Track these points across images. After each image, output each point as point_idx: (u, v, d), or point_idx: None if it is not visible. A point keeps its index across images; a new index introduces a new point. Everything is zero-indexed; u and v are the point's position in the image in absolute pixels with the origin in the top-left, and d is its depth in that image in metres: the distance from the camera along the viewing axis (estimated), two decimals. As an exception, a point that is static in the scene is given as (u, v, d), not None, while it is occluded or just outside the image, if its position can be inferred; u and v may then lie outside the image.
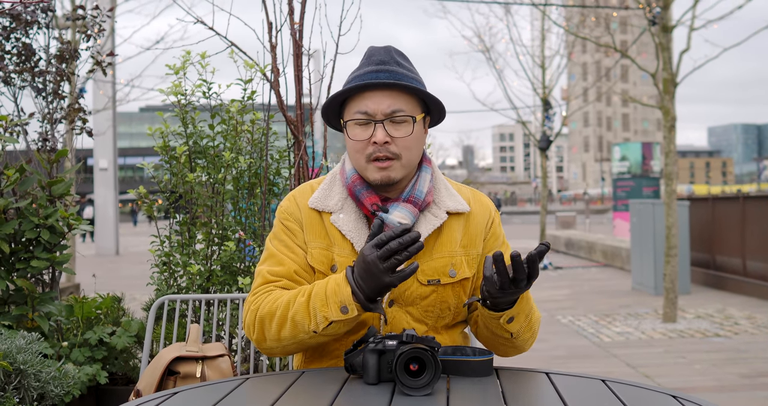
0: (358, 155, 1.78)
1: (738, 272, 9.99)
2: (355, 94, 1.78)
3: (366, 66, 1.79)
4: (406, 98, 1.77)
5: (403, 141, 1.76)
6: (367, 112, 1.75)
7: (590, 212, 34.77)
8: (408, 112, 1.76)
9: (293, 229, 1.84)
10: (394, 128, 1.76)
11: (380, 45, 1.87)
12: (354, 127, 1.78)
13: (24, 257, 3.62)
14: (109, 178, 20.18)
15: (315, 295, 1.66)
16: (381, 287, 1.59)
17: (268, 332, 1.72)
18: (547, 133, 15.49)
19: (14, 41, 4.18)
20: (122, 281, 11.24)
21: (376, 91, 1.76)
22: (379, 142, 1.74)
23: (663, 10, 7.78)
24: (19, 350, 2.83)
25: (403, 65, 1.80)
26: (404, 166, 1.78)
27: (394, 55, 1.81)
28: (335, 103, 1.83)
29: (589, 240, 16.01)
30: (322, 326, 1.64)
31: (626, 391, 1.51)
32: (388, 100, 1.75)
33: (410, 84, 1.76)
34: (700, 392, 5.04)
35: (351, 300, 1.61)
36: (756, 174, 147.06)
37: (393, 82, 1.74)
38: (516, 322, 1.71)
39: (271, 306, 1.71)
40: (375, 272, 1.56)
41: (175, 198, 3.97)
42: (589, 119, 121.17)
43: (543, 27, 15.66)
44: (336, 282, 1.65)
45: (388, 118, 1.75)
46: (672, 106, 7.82)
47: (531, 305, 1.75)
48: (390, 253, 1.54)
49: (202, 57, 3.95)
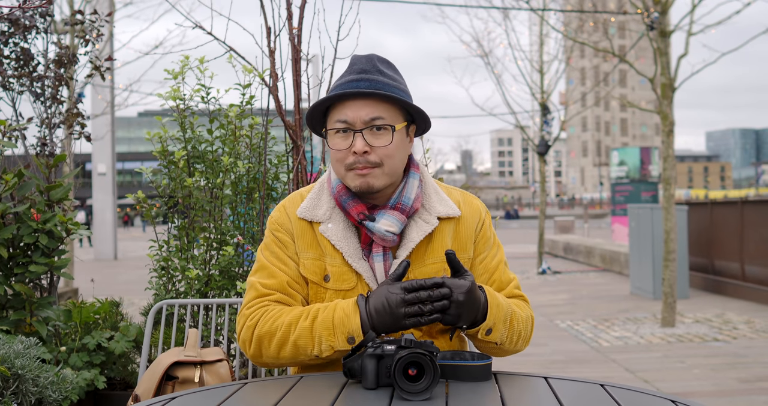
0: (338, 164, 1.77)
1: (736, 276, 10.00)
2: (336, 103, 1.76)
3: (347, 75, 1.77)
4: (386, 107, 1.75)
5: (383, 150, 1.74)
6: (347, 121, 1.73)
7: (589, 217, 34.78)
8: (388, 121, 1.74)
9: (284, 240, 1.83)
10: (373, 137, 1.73)
11: (364, 53, 1.85)
12: (334, 137, 1.76)
13: (22, 261, 3.62)
14: (107, 183, 20.18)
15: (321, 322, 1.66)
16: (395, 328, 1.61)
17: (266, 351, 1.72)
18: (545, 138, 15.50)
19: (13, 46, 4.18)
20: (120, 286, 11.23)
21: (356, 100, 1.74)
22: (358, 152, 1.72)
23: (661, 15, 7.80)
24: (17, 354, 2.82)
25: (386, 74, 1.78)
26: (387, 174, 1.76)
27: (376, 64, 1.78)
28: (318, 112, 1.81)
29: (588, 245, 16.02)
30: (326, 354, 1.66)
31: (625, 396, 1.50)
32: (366, 109, 1.73)
33: (390, 93, 1.73)
34: (698, 397, 5.03)
35: (359, 332, 1.62)
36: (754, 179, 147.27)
37: (371, 92, 1.72)
38: (495, 331, 1.70)
39: (270, 326, 1.70)
40: (395, 313, 1.59)
41: (173, 203, 3.97)
42: (587, 124, 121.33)
43: (541, 32, 15.67)
44: (344, 311, 1.65)
45: (368, 127, 1.73)
46: (670, 111, 7.83)
47: (507, 310, 1.73)
48: (418, 300, 1.58)
49: (201, 62, 3.95)
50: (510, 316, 1.74)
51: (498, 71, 15.80)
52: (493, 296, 1.71)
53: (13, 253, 3.62)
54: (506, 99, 15.81)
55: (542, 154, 15.35)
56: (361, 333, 1.62)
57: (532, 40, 18.16)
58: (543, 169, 15.53)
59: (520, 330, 1.78)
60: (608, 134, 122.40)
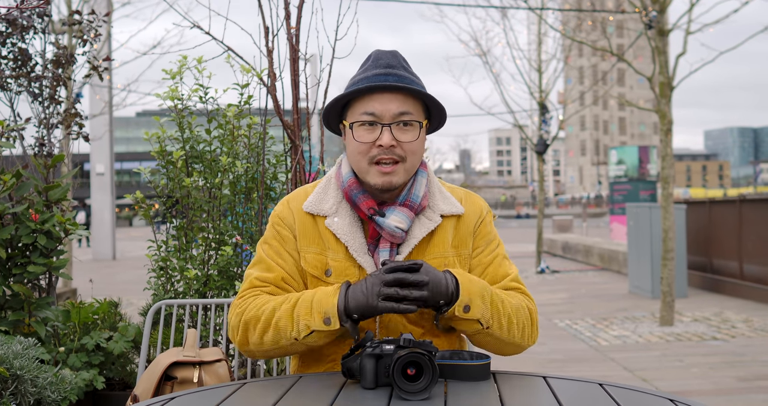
0: (360, 157, 1.77)
1: (735, 275, 10.00)
2: (362, 96, 1.77)
3: (373, 69, 1.78)
4: (414, 103, 1.77)
5: (409, 145, 1.76)
6: (374, 114, 1.74)
7: (587, 216, 34.78)
8: (415, 117, 1.77)
9: (284, 235, 1.84)
10: (401, 132, 1.75)
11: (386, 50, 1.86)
12: (359, 129, 1.76)
13: (21, 262, 3.61)
14: (105, 183, 20.16)
15: (301, 302, 1.67)
16: (367, 306, 1.60)
17: (251, 337, 1.73)
18: (543, 137, 15.49)
19: (10, 46, 4.18)
20: (119, 286, 11.22)
21: (385, 93, 1.75)
22: (385, 146, 1.73)
23: (659, 13, 7.80)
24: (15, 355, 2.82)
25: (410, 70, 1.81)
26: (407, 171, 1.78)
27: (400, 60, 1.81)
28: (338, 105, 1.82)
29: (586, 244, 16.02)
30: (303, 334, 1.65)
31: (623, 395, 1.51)
32: (395, 103, 1.75)
33: (420, 89, 1.76)
34: (697, 396, 5.04)
35: (335, 312, 1.62)
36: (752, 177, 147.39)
37: (403, 86, 1.74)
38: (474, 307, 1.66)
39: (256, 311, 1.72)
40: (371, 291, 1.59)
41: (171, 203, 3.97)
42: (585, 123, 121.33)
43: (540, 31, 15.68)
44: (325, 292, 1.66)
45: (395, 122, 1.75)
46: (668, 110, 7.83)
47: (485, 288, 1.70)
48: (396, 282, 1.58)
49: (199, 62, 3.95)
50: (490, 295, 1.70)
51: (496, 70, 15.80)
52: (464, 275, 1.69)
53: (12, 253, 3.61)
54: (504, 98, 15.82)
55: (541, 154, 15.36)
56: (336, 313, 1.62)
57: (531, 39, 18.16)
58: (541, 169, 15.54)
59: (509, 315, 1.73)
60: (606, 133, 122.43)
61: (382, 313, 1.61)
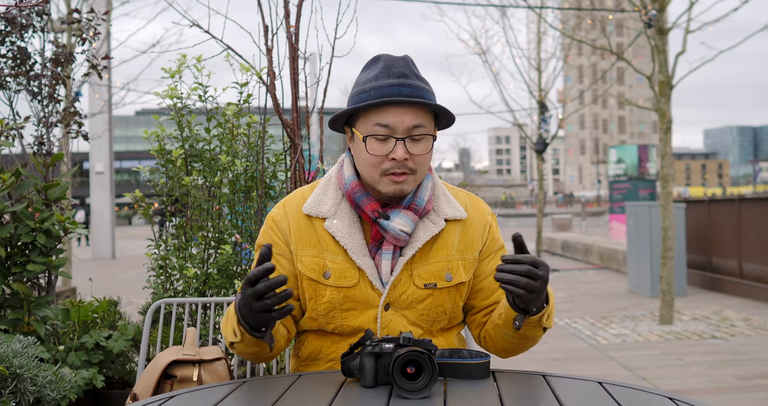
0: (372, 169, 1.76)
1: (734, 274, 10.01)
2: (374, 106, 1.74)
3: (385, 78, 1.75)
4: (426, 115, 1.76)
5: (420, 158, 1.75)
6: (388, 126, 1.72)
7: (586, 215, 34.79)
8: (428, 130, 1.75)
9: (274, 241, 1.84)
10: (413, 145, 1.74)
11: (397, 54, 1.84)
12: (371, 141, 1.74)
13: (20, 260, 3.61)
14: (105, 182, 20.15)
15: (227, 314, 1.74)
16: (259, 322, 1.61)
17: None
18: (543, 136, 15.51)
19: (9, 45, 4.17)
20: (118, 285, 11.22)
21: (399, 106, 1.73)
22: (399, 159, 1.72)
23: (659, 12, 7.80)
24: (15, 354, 2.82)
25: (421, 78, 1.78)
26: (416, 180, 1.78)
27: (412, 68, 1.78)
28: (347, 112, 1.80)
29: (586, 242, 16.03)
30: (228, 342, 1.71)
31: (623, 393, 1.51)
32: (409, 116, 1.73)
33: (433, 102, 1.75)
34: (696, 394, 5.04)
35: (238, 327, 1.65)
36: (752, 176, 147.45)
37: (417, 101, 1.72)
38: (552, 317, 1.72)
39: (226, 314, 1.77)
40: (251, 308, 1.57)
41: (171, 201, 3.96)
42: (585, 122, 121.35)
43: (539, 30, 15.68)
44: (235, 307, 1.67)
45: (408, 136, 1.73)
46: (668, 109, 7.83)
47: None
48: (260, 295, 1.53)
49: (198, 60, 3.95)
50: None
51: (496, 69, 15.80)
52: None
53: (11, 252, 3.61)
54: (504, 97, 15.82)
55: (540, 152, 15.36)
56: (239, 328, 1.64)
57: (530, 38, 18.17)
58: (541, 167, 15.54)
59: None
60: (606, 132, 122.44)
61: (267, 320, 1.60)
